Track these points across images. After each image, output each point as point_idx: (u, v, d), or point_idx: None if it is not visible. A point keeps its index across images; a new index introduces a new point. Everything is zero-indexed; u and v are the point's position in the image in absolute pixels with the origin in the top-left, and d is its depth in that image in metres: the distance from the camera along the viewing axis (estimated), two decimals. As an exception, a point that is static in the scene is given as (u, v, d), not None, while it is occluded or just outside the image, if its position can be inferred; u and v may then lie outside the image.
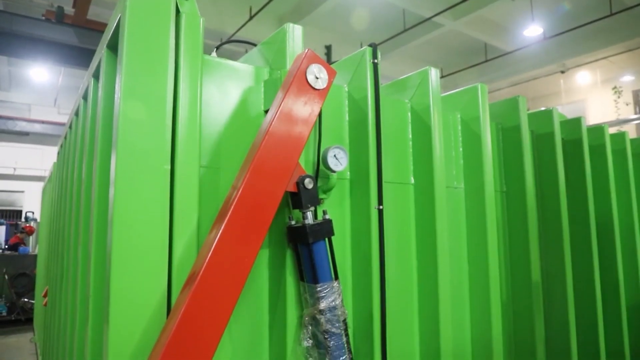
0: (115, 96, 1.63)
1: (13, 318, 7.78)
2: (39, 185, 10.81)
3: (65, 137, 3.26)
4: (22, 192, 15.52)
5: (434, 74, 2.34)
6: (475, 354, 2.47)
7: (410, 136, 2.39)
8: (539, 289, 2.73)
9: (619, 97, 13.27)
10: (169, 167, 1.57)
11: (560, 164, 2.98)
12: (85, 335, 1.79)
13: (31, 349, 6.25)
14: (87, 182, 2.10)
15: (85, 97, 2.42)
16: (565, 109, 8.24)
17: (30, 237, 10.55)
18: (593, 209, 3.17)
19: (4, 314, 7.77)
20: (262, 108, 1.90)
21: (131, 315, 1.45)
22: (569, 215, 3.00)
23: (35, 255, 7.91)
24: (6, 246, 10.32)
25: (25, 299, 7.88)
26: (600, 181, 3.39)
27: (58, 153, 3.86)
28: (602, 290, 3.15)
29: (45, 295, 4.08)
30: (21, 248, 9.32)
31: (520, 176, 2.76)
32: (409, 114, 2.40)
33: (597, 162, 3.40)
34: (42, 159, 15.01)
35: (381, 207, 2.05)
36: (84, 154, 2.26)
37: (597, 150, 3.43)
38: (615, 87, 13.42)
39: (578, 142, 3.24)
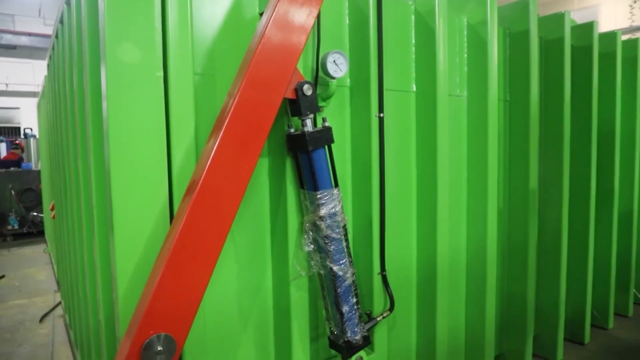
0: (99, -2, 1.52)
1: (25, 231, 8.09)
2: (34, 101, 10.62)
3: (53, 48, 3.12)
4: (18, 108, 15.31)
5: (440, -29, 2.18)
6: (470, 257, 2.58)
7: (413, 41, 2.28)
8: (536, 196, 2.79)
9: (635, 1, 12.52)
10: (161, 74, 1.51)
11: (568, 72, 2.88)
12: (93, 243, 1.86)
13: (46, 259, 6.56)
14: (80, 95, 2.04)
15: (68, 3, 2.27)
16: (576, 16, 7.82)
17: (32, 152, 10.54)
18: (596, 118, 3.13)
19: (16, 227, 8.06)
20: (257, 10, 1.79)
21: (134, 223, 1.49)
22: (572, 124, 2.96)
23: (39, 171, 8.00)
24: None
25: (35, 213, 8.12)
26: (607, 90, 3.31)
27: (48, 65, 3.73)
28: (597, 197, 3.22)
29: (52, 209, 4.18)
30: (24, 164, 9.36)
31: (526, 85, 2.68)
32: (413, 17, 2.27)
33: (605, 70, 3.29)
34: (33, 74, 14.60)
35: (382, 114, 2.02)
36: (73, 65, 2.18)
37: (607, 58, 3.30)
38: (633, -10, 12.61)
39: (588, 49, 3.10)
